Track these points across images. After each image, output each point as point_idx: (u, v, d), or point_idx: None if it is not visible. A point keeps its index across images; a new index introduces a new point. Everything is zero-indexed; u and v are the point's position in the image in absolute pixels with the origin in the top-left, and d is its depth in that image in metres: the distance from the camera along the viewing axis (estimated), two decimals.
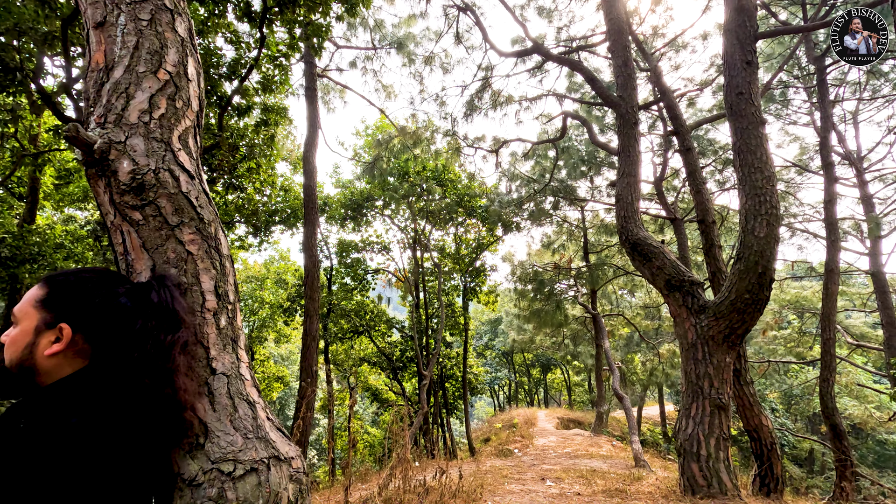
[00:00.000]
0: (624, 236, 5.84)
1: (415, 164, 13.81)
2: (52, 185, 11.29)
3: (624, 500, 4.99)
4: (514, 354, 30.64)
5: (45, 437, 0.88)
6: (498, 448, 12.78)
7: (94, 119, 1.19)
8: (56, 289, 1.01)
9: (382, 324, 16.08)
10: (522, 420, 18.50)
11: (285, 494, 1.07)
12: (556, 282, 15.52)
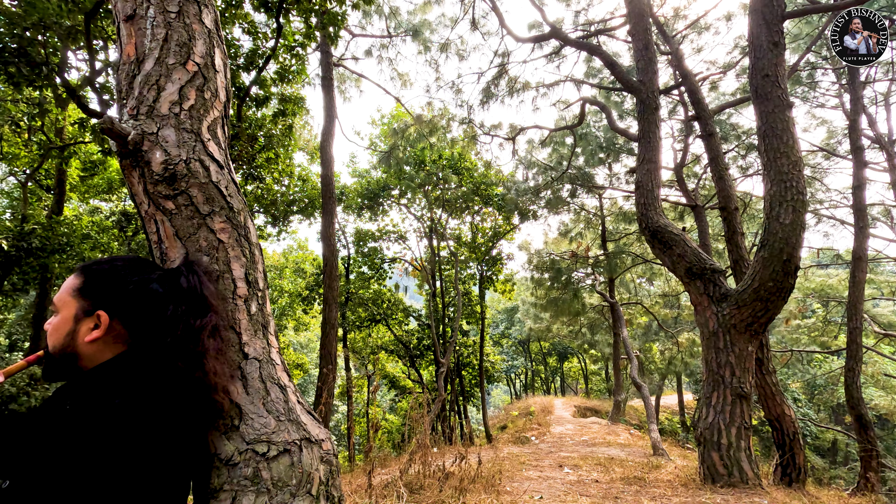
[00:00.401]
0: (644, 224, 5.76)
1: (431, 153, 13.78)
2: (78, 178, 11.58)
3: (642, 487, 4.99)
4: (531, 343, 30.65)
5: (90, 417, 0.92)
6: (515, 435, 12.87)
7: (127, 111, 1.22)
8: (91, 277, 1.05)
9: (399, 312, 16.21)
10: (539, 408, 18.57)
11: (317, 475, 1.11)
12: (574, 270, 15.43)
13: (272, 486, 1.04)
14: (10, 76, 6.28)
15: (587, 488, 5.01)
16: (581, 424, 14.08)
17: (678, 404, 21.94)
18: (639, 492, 4.66)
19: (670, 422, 21.19)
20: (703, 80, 10.82)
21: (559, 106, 12.37)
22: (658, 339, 18.24)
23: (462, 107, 11.51)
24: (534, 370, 33.99)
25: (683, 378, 21.68)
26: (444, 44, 11.31)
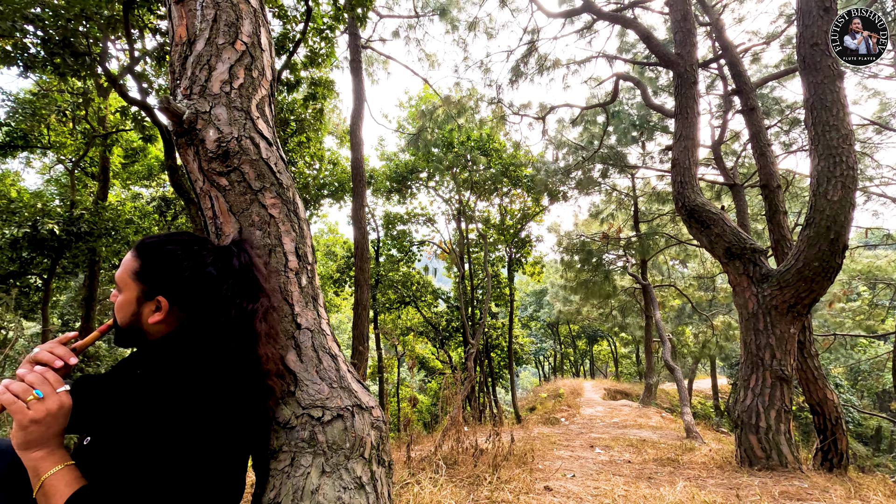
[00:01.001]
0: (680, 202, 5.60)
1: (459, 135, 13.67)
2: (120, 165, 12.03)
3: (676, 469, 4.95)
4: (560, 326, 30.47)
5: (159, 382, 0.99)
6: (544, 417, 12.92)
7: (181, 91, 1.26)
8: (149, 261, 1.08)
9: (428, 294, 16.35)
10: (568, 390, 18.53)
11: (369, 439, 1.15)
12: (605, 252, 15.18)
13: (328, 449, 1.10)
14: (56, 67, 6.53)
15: (619, 468, 5.00)
16: (611, 407, 14.01)
17: (712, 388, 21.53)
18: (673, 473, 4.63)
19: (703, 406, 20.83)
20: (745, 52, 10.31)
21: (591, 83, 12.03)
22: (691, 322, 17.85)
23: (490, 86, 11.35)
24: (563, 353, 33.85)
25: (718, 362, 21.22)
26: (472, 22, 11.13)
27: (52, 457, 0.94)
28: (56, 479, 0.91)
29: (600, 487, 3.55)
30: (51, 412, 0.93)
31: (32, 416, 0.92)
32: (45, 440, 0.94)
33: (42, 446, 0.94)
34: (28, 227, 8.13)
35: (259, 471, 1.16)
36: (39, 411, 0.92)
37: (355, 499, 1.06)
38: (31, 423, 0.92)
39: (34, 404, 0.92)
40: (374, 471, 1.14)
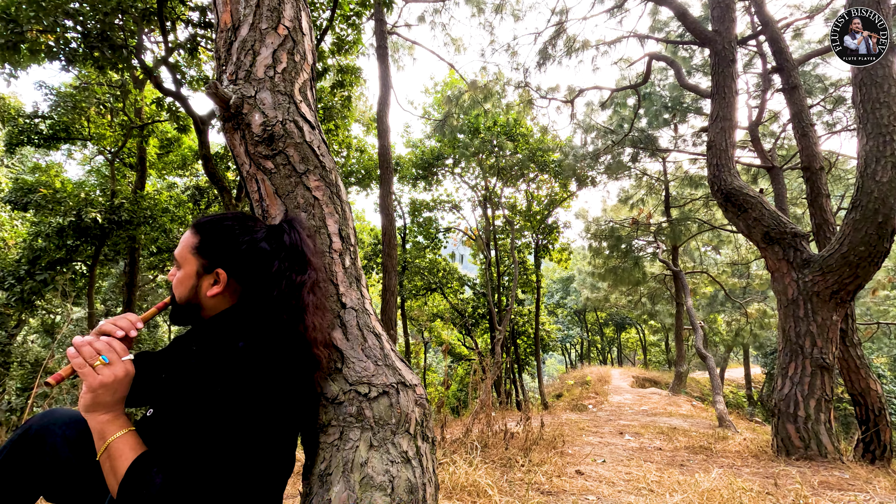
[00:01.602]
0: (716, 186, 5.43)
1: (485, 120, 13.53)
2: (156, 155, 12.41)
3: (709, 457, 4.88)
4: (587, 313, 30.15)
5: (216, 357, 1.03)
6: (571, 403, 12.88)
7: (227, 76, 1.29)
8: (207, 236, 1.14)
9: (455, 281, 16.40)
10: (595, 378, 18.40)
11: (413, 416, 1.18)
12: (634, 238, 14.88)
13: (374, 424, 1.13)
14: (96, 60, 6.75)
15: (650, 455, 4.96)
16: (640, 394, 13.86)
17: (744, 378, 21.01)
18: (706, 461, 4.57)
19: (735, 395, 20.37)
20: (786, 27, 9.83)
21: (621, 65, 11.71)
22: (724, 309, 17.39)
23: (517, 70, 11.16)
24: (590, 340, 33.55)
25: (751, 351, 20.66)
26: (498, 4, 10.94)
27: (117, 421, 1.01)
28: (121, 443, 0.97)
29: (632, 473, 3.54)
30: (117, 377, 0.99)
31: (101, 381, 0.98)
32: (110, 405, 1.00)
33: (107, 410, 1.00)
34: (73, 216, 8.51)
35: (308, 444, 1.21)
36: (106, 376, 0.98)
37: (402, 472, 1.09)
38: (99, 387, 0.98)
39: (101, 369, 0.98)
40: (419, 446, 1.17)
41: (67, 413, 1.22)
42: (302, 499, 1.14)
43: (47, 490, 1.17)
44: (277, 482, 1.10)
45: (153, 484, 0.92)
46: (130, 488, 0.92)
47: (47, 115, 10.22)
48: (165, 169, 13.60)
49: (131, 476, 0.93)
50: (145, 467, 0.95)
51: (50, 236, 8.95)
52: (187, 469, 0.93)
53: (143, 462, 0.95)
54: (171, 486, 0.92)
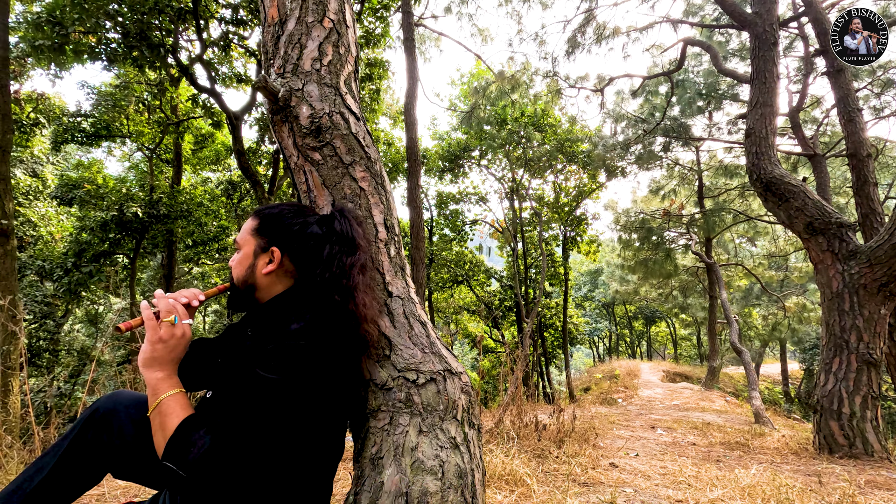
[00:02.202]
0: (756, 175, 5.25)
1: (512, 111, 13.40)
2: (190, 151, 12.79)
3: (746, 453, 4.76)
4: (616, 306, 29.69)
5: (271, 340, 1.06)
6: (600, 397, 12.74)
7: (274, 70, 1.32)
8: (265, 219, 1.21)
9: (481, 273, 16.39)
10: (624, 371, 18.12)
11: (460, 403, 1.20)
12: (666, 230, 14.53)
13: (423, 410, 1.15)
14: (135, 59, 6.98)
15: (684, 450, 4.88)
16: (671, 389, 13.60)
17: (781, 374, 20.35)
18: (743, 457, 4.46)
19: (770, 391, 19.77)
20: (831, 7, 9.35)
21: (653, 51, 11.38)
22: (760, 303, 16.85)
23: (546, 59, 10.98)
24: (618, 334, 33.05)
25: (788, 346, 19.98)
26: None
27: (170, 380, 1.07)
28: (172, 401, 1.03)
29: (667, 467, 3.49)
30: (176, 336, 1.07)
31: (161, 336, 1.05)
32: (165, 362, 1.07)
33: (162, 368, 1.07)
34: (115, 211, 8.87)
35: (357, 429, 1.24)
36: (168, 333, 1.06)
37: (451, 457, 1.11)
38: (158, 342, 1.05)
39: (165, 326, 1.06)
40: (466, 432, 1.19)
41: (132, 395, 1.28)
42: (354, 481, 1.17)
43: (114, 467, 1.24)
44: (328, 464, 1.13)
45: (199, 445, 0.96)
46: (177, 445, 0.97)
47: (89, 113, 10.63)
48: (200, 164, 14.00)
49: (179, 434, 0.98)
50: (194, 427, 0.99)
51: (94, 230, 9.35)
52: (234, 436, 0.96)
53: (192, 422, 1.00)
54: (216, 449, 0.95)
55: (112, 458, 1.22)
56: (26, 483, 1.17)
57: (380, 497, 1.06)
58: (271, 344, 1.03)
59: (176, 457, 0.96)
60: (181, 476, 0.95)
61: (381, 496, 1.06)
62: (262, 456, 1.00)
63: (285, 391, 0.99)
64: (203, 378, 1.28)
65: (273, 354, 1.01)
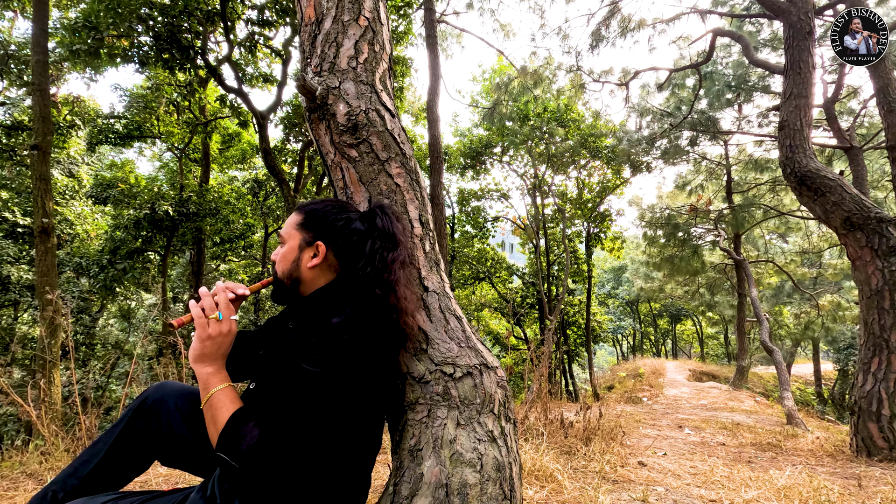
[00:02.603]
0: (789, 168, 5.08)
1: (535, 106, 13.28)
2: (217, 150, 13.08)
3: (779, 454, 4.64)
4: (640, 303, 29.21)
5: (313, 334, 1.09)
6: (624, 395, 12.57)
7: (311, 69, 1.35)
8: (310, 214, 1.24)
9: (503, 270, 16.33)
10: (649, 370, 17.82)
11: (497, 397, 1.21)
12: (692, 226, 14.21)
13: (460, 403, 1.16)
14: (166, 62, 7.17)
15: (713, 450, 4.78)
16: (698, 388, 13.33)
17: (814, 374, 19.72)
18: (775, 458, 4.35)
19: (802, 392, 19.18)
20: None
21: (680, 43, 11.12)
22: (791, 301, 16.35)
23: (569, 53, 10.85)
24: (643, 331, 32.52)
25: (821, 346, 19.35)
26: None
27: (220, 374, 1.11)
28: (222, 394, 1.07)
29: (697, 467, 3.43)
30: (223, 332, 1.11)
31: (210, 332, 1.09)
32: (214, 357, 1.11)
33: (212, 363, 1.11)
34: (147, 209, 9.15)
35: (394, 422, 1.26)
36: (216, 329, 1.10)
37: (489, 451, 1.12)
38: (207, 338, 1.09)
39: (213, 323, 1.10)
40: (503, 426, 1.19)
41: (179, 386, 1.33)
42: (393, 472, 1.19)
43: (162, 455, 1.29)
44: (367, 456, 1.16)
45: (250, 436, 0.99)
46: (229, 437, 1.01)
47: (122, 115, 10.97)
48: (226, 163, 14.31)
49: (230, 426, 1.02)
50: (244, 420, 1.03)
51: (128, 228, 9.67)
52: (282, 429, 1.00)
53: (242, 414, 1.04)
54: (265, 441, 0.99)
55: (160, 446, 1.27)
56: (82, 468, 1.22)
57: (420, 488, 1.08)
58: (314, 337, 1.06)
59: (229, 448, 1.00)
60: (234, 466, 0.99)
61: (422, 487, 1.08)
62: (308, 447, 1.03)
63: (329, 384, 1.01)
64: (245, 370, 1.32)
65: (316, 348, 1.03)
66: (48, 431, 2.83)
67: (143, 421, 1.27)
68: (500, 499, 1.06)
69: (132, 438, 1.26)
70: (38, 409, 3.43)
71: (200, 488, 1.11)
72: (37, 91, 5.58)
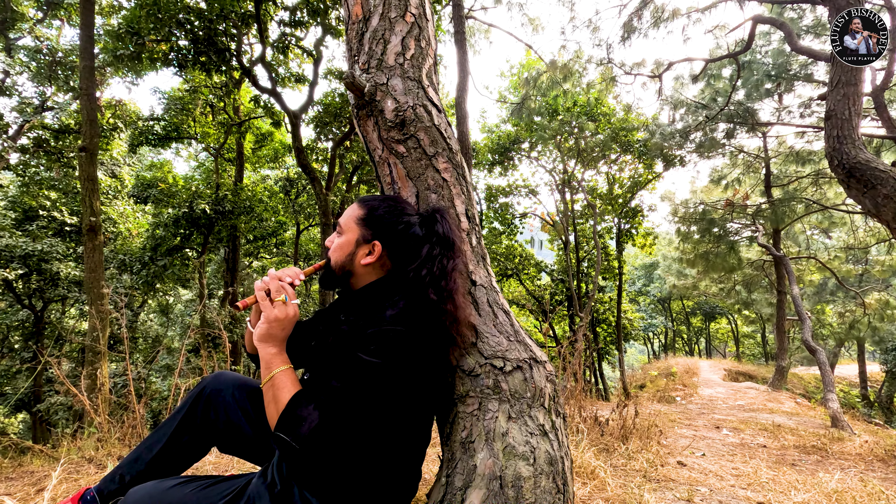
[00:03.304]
0: (836, 160, 4.86)
1: (564, 100, 13.10)
2: (251, 150, 13.41)
3: (825, 458, 4.47)
4: (672, 301, 28.52)
5: (369, 325, 1.11)
6: (657, 395, 12.30)
7: (359, 66, 1.37)
8: (371, 211, 1.25)
9: (531, 267, 16.21)
10: (681, 369, 17.39)
11: (546, 391, 1.21)
12: (728, 221, 13.77)
13: (511, 397, 1.17)
14: (203, 64, 7.39)
15: (754, 452, 4.64)
16: (734, 388, 12.94)
17: (858, 375, 18.86)
18: (821, 462, 4.20)
19: (846, 394, 18.36)
20: None
21: (716, 33, 10.76)
22: (835, 299, 15.67)
23: (600, 46, 10.65)
24: (675, 330, 31.74)
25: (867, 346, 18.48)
26: None
27: (282, 356, 1.15)
28: (284, 376, 1.10)
29: (739, 468, 3.34)
30: (287, 315, 1.14)
31: (276, 314, 1.12)
32: (277, 339, 1.14)
33: (275, 344, 1.14)
34: (186, 208, 9.46)
35: (443, 415, 1.28)
36: (281, 311, 1.13)
37: (542, 444, 1.12)
38: (274, 320, 1.12)
39: (278, 304, 1.13)
40: (554, 420, 1.19)
41: (235, 376, 1.38)
42: (445, 463, 1.20)
43: (219, 442, 1.34)
44: (419, 449, 1.17)
45: (310, 419, 1.02)
46: (289, 419, 1.04)
47: (161, 116, 11.37)
48: (259, 162, 14.67)
49: (291, 407, 1.05)
50: (305, 402, 1.05)
51: (167, 226, 10.04)
52: (340, 415, 1.02)
53: (302, 396, 1.07)
54: (325, 424, 1.01)
55: (217, 434, 1.33)
56: (145, 453, 1.29)
57: (473, 479, 1.09)
58: (370, 328, 1.07)
59: (289, 429, 1.03)
60: (294, 448, 1.01)
61: (475, 478, 1.09)
62: (364, 434, 1.05)
63: (386, 374, 1.03)
64: (297, 359, 1.35)
65: (373, 339, 1.05)
66: (102, 419, 2.96)
67: (202, 409, 1.32)
68: (554, 493, 1.06)
69: (191, 426, 1.31)
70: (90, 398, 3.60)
71: (261, 474, 1.15)
72: (84, 95, 5.84)
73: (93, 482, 2.02)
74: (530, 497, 1.04)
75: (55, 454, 2.70)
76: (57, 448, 2.92)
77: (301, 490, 1.09)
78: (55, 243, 10.22)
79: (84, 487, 1.29)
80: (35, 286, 10.32)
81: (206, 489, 1.08)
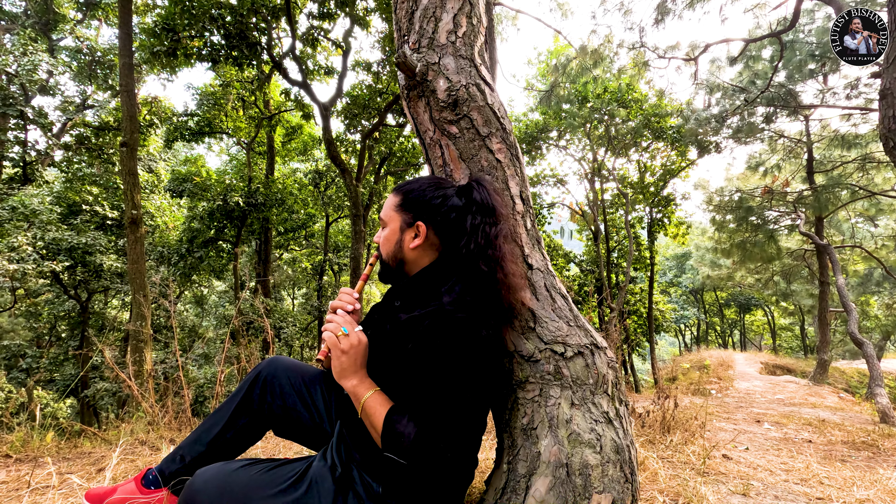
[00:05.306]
0: (893, 142, 4.59)
1: (594, 87, 12.80)
2: (280, 143, 13.62)
3: (876, 454, 4.28)
4: (705, 292, 27.76)
5: (427, 315, 1.09)
6: (690, 387, 12.02)
7: (409, 46, 1.34)
8: (407, 195, 1.23)
9: (560, 258, 16.00)
10: (715, 362, 16.94)
11: (608, 377, 1.17)
12: (767, 209, 13.26)
13: (573, 383, 1.13)
14: (235, 59, 7.50)
15: (799, 447, 4.47)
16: (772, 382, 12.55)
17: None
18: (872, 458, 4.01)
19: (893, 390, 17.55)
20: None
21: (756, 11, 10.30)
22: (882, 290, 14.97)
23: (632, 30, 10.33)
24: (708, 322, 30.92)
25: None
26: None
27: (364, 383, 1.14)
28: (372, 401, 1.10)
29: (788, 463, 3.22)
30: (353, 345, 1.13)
31: (343, 348, 1.12)
32: (353, 369, 1.14)
33: (353, 375, 1.14)
34: (220, 201, 9.69)
35: (500, 400, 1.25)
36: (346, 344, 1.13)
37: (607, 432, 1.09)
38: (341, 354, 1.12)
39: (342, 338, 1.13)
40: (617, 408, 1.15)
41: (288, 361, 1.39)
42: (506, 450, 1.18)
43: (275, 425, 1.35)
44: (478, 435, 1.16)
45: (408, 433, 1.02)
46: (390, 437, 1.04)
47: (194, 112, 11.64)
48: (288, 156, 14.88)
49: (388, 427, 1.05)
50: (398, 418, 1.05)
51: (203, 219, 10.31)
52: (433, 417, 1.02)
53: (394, 414, 1.07)
54: (423, 433, 1.01)
55: (273, 418, 1.34)
56: (204, 435, 1.31)
57: (538, 467, 1.06)
58: (428, 320, 1.06)
59: (393, 448, 1.04)
60: (403, 465, 1.03)
61: (540, 466, 1.06)
62: (453, 429, 1.05)
63: (459, 366, 1.03)
64: None
65: (439, 333, 1.04)
66: (150, 404, 3.07)
67: (259, 393, 1.34)
68: (622, 481, 1.03)
69: (248, 410, 1.33)
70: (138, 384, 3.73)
71: (322, 456, 1.16)
72: (124, 92, 6.00)
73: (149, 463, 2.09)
74: (598, 486, 1.01)
75: (106, 437, 2.81)
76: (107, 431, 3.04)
77: (360, 473, 1.10)
78: (98, 236, 10.64)
79: (146, 468, 1.33)
80: (80, 278, 10.78)
81: (270, 471, 1.09)
